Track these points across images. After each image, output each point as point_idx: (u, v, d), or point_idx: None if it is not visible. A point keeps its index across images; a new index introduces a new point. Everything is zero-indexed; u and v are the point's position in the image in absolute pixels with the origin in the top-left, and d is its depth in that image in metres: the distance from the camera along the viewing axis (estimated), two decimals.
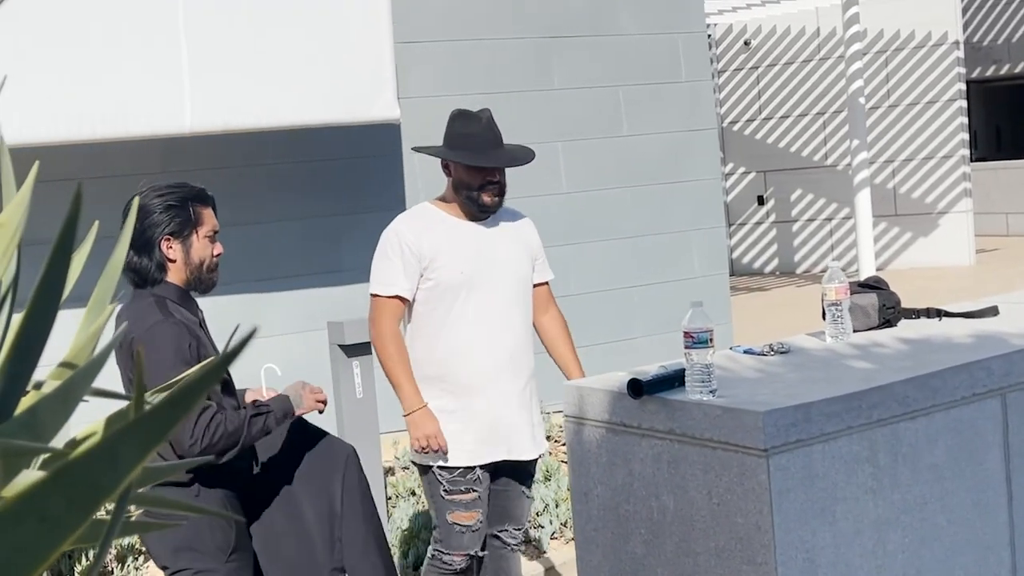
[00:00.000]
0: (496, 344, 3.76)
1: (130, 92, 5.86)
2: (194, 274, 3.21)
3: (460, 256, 3.73)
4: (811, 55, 13.34)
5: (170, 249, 3.17)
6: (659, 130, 7.82)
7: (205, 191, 3.28)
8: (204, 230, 3.22)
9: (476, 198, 3.74)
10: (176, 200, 3.18)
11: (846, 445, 2.71)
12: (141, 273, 3.17)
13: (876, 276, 3.72)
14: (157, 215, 3.16)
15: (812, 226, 13.50)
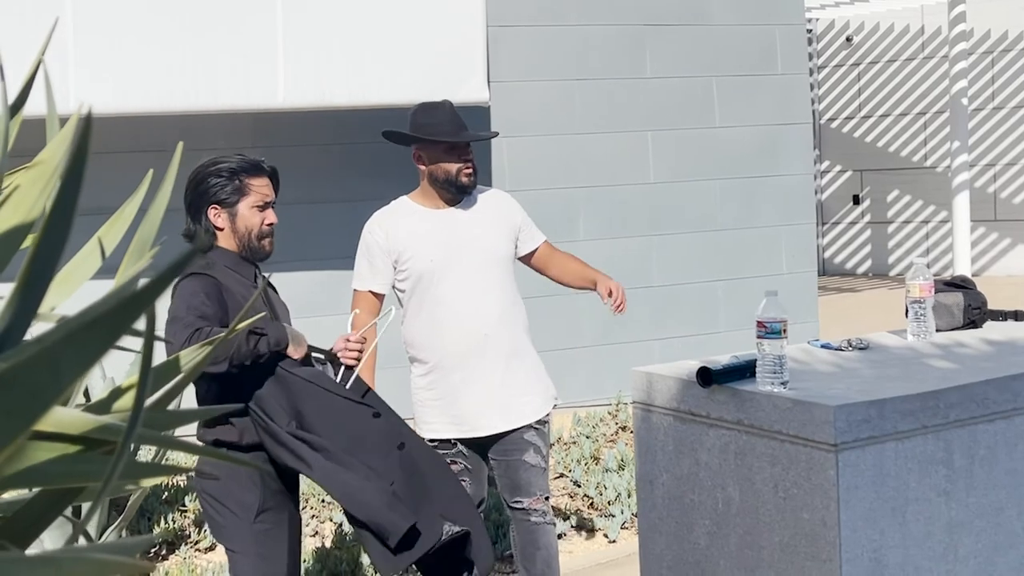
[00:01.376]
0: (468, 325, 3.90)
1: (225, 65, 5.93)
2: (242, 242, 3.31)
3: (430, 244, 3.90)
4: (914, 53, 13.06)
5: (217, 217, 3.28)
6: (752, 123, 7.71)
7: (261, 163, 3.36)
8: (251, 200, 3.29)
9: (455, 180, 3.90)
10: (225, 171, 3.28)
11: (920, 445, 2.64)
12: (193, 239, 3.31)
13: (963, 276, 3.62)
14: (205, 185, 3.28)
15: (908, 228, 13.23)
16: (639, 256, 7.37)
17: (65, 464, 0.84)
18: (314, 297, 6.68)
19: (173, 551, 5.00)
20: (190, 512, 5.26)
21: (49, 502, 0.89)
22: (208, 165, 3.31)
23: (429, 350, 3.94)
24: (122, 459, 0.68)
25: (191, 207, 3.31)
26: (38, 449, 0.82)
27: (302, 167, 6.67)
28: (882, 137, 13.34)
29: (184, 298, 3.16)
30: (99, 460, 0.83)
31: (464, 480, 3.92)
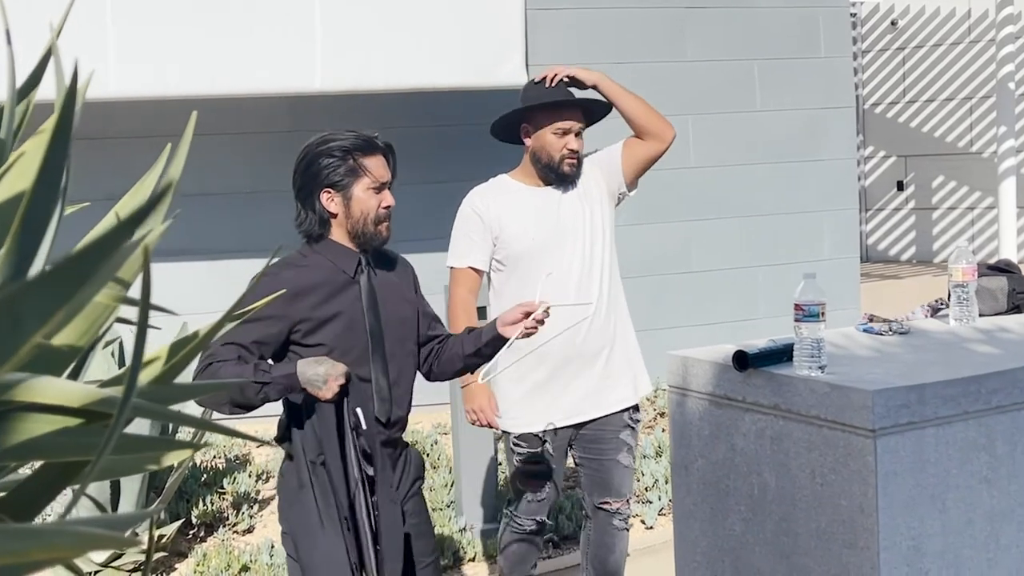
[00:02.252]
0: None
1: (262, 50, 5.93)
2: (357, 228, 2.99)
3: (531, 221, 3.75)
4: (960, 37, 12.87)
5: (330, 202, 2.98)
6: (794, 107, 7.62)
7: (375, 139, 3.06)
8: (367, 181, 2.99)
9: (556, 166, 3.76)
10: (337, 150, 2.98)
11: (961, 431, 2.59)
12: (307, 229, 3.02)
13: (1007, 260, 3.55)
14: (316, 167, 2.98)
15: (953, 214, 13.06)
16: (680, 242, 7.31)
17: (66, 437, 0.82)
18: None
19: (212, 533, 5.02)
20: (228, 494, 5.27)
21: (51, 476, 0.87)
22: (317, 144, 3.01)
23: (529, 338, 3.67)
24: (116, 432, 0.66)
25: (301, 192, 3.01)
26: (38, 422, 0.81)
27: None
28: (927, 122, 13.17)
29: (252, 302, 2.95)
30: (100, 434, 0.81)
31: (544, 488, 3.79)
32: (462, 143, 6.81)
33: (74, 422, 0.82)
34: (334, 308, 2.94)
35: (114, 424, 0.66)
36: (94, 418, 0.82)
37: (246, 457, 5.75)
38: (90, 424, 0.83)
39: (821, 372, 2.63)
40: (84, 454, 0.82)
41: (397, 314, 3.06)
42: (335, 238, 3.02)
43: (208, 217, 6.43)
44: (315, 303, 2.92)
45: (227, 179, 6.49)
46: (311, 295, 2.92)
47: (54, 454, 0.84)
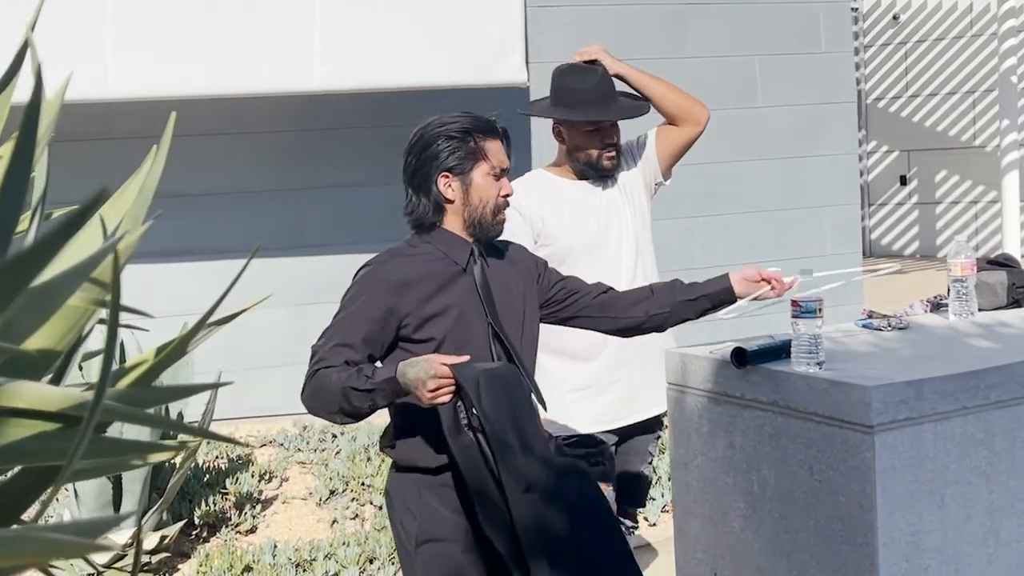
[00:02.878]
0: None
1: (262, 49, 5.93)
2: (473, 216, 2.81)
3: (576, 216, 3.60)
4: (962, 31, 12.84)
5: (448, 187, 2.79)
6: (795, 102, 7.61)
7: (494, 122, 2.87)
8: (488, 166, 2.80)
9: (595, 163, 3.61)
10: (457, 131, 2.80)
11: (960, 426, 2.58)
12: (418, 217, 2.83)
13: (1007, 254, 3.54)
14: (434, 148, 2.79)
15: (956, 209, 13.04)
16: (682, 238, 7.30)
17: (44, 442, 0.82)
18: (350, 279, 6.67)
19: (214, 533, 5.02)
20: (231, 495, 5.28)
21: (30, 480, 0.87)
22: (435, 126, 2.82)
23: (578, 337, 3.37)
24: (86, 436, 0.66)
25: (415, 176, 2.81)
26: (16, 426, 0.81)
27: (339, 150, 6.67)
28: (929, 117, 13.15)
29: (353, 302, 2.74)
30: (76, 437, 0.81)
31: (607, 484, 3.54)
32: None
33: (52, 426, 0.82)
34: (444, 301, 2.76)
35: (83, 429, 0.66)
36: (73, 422, 0.82)
37: (249, 457, 5.75)
38: (69, 428, 0.83)
39: (819, 368, 2.63)
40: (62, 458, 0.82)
41: (511, 305, 2.87)
42: (448, 227, 2.83)
43: (210, 217, 6.43)
44: (423, 296, 2.74)
45: (228, 178, 6.49)
46: (419, 287, 2.74)
47: (32, 458, 0.84)
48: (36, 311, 0.64)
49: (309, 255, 6.60)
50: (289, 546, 4.78)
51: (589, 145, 3.60)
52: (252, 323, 5.93)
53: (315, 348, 2.72)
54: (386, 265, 2.78)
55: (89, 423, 0.65)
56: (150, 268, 6.10)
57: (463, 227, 2.84)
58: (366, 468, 5.46)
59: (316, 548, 4.77)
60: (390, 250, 2.85)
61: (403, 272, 2.75)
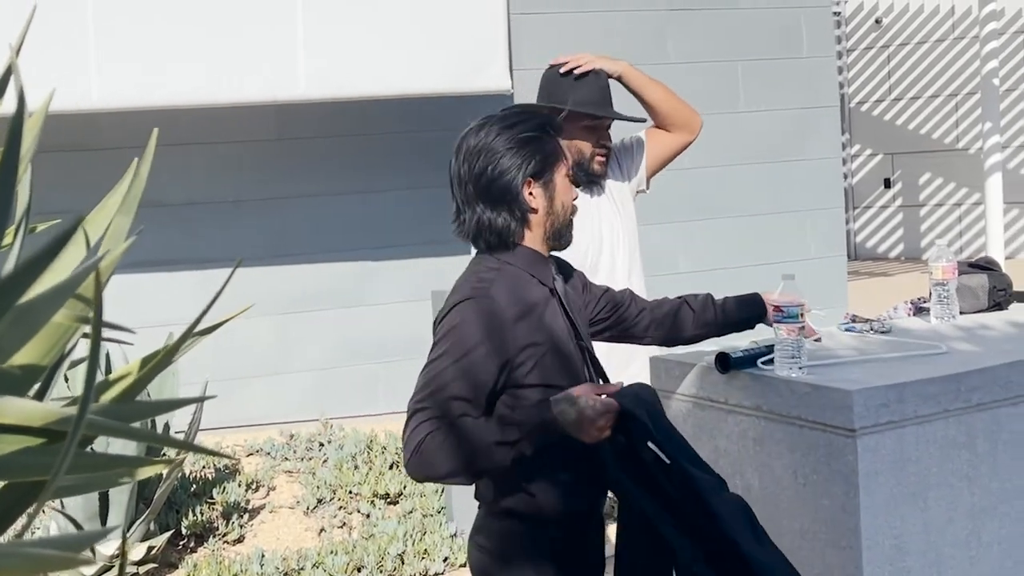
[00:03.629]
0: None
1: (246, 58, 5.93)
2: (555, 227, 2.50)
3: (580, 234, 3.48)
4: (944, 34, 12.91)
5: (532, 196, 2.46)
6: (778, 107, 7.64)
7: (553, 118, 2.59)
8: (566, 167, 2.53)
9: (587, 165, 3.50)
10: (533, 129, 2.47)
11: (942, 429, 2.60)
12: (502, 234, 2.45)
13: (988, 257, 3.56)
14: (512, 154, 2.44)
15: (940, 211, 13.10)
16: (666, 243, 7.33)
17: (28, 456, 0.83)
18: (338, 288, 6.68)
19: (202, 543, 5.01)
20: (218, 504, 5.28)
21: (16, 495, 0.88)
22: (502, 127, 2.47)
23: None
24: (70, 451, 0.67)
25: (491, 188, 2.43)
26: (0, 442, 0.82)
27: (324, 158, 6.67)
28: (913, 120, 13.21)
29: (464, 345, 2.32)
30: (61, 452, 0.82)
31: None
32: (447, 149, 6.81)
33: (37, 441, 0.83)
34: (545, 331, 2.42)
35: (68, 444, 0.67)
36: (57, 437, 0.83)
37: (235, 467, 5.75)
38: (53, 443, 0.84)
39: (801, 372, 2.64)
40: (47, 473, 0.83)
41: (584, 324, 2.63)
42: (528, 243, 2.49)
43: (195, 226, 6.43)
44: (531, 329, 2.39)
45: (210, 188, 6.50)
46: (527, 320, 2.39)
47: (17, 474, 0.85)
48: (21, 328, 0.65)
49: (292, 264, 6.61)
50: (277, 555, 4.78)
51: (582, 144, 3.48)
52: (236, 333, 5.94)
53: (420, 402, 2.31)
54: (494, 295, 2.38)
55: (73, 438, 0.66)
56: (132, 278, 6.09)
57: (543, 240, 2.51)
58: (353, 476, 5.47)
59: (304, 557, 4.77)
60: (477, 274, 2.45)
61: (513, 303, 2.38)
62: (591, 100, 3.49)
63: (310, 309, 6.66)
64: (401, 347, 6.65)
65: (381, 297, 6.71)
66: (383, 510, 5.23)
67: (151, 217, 1.88)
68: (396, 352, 6.69)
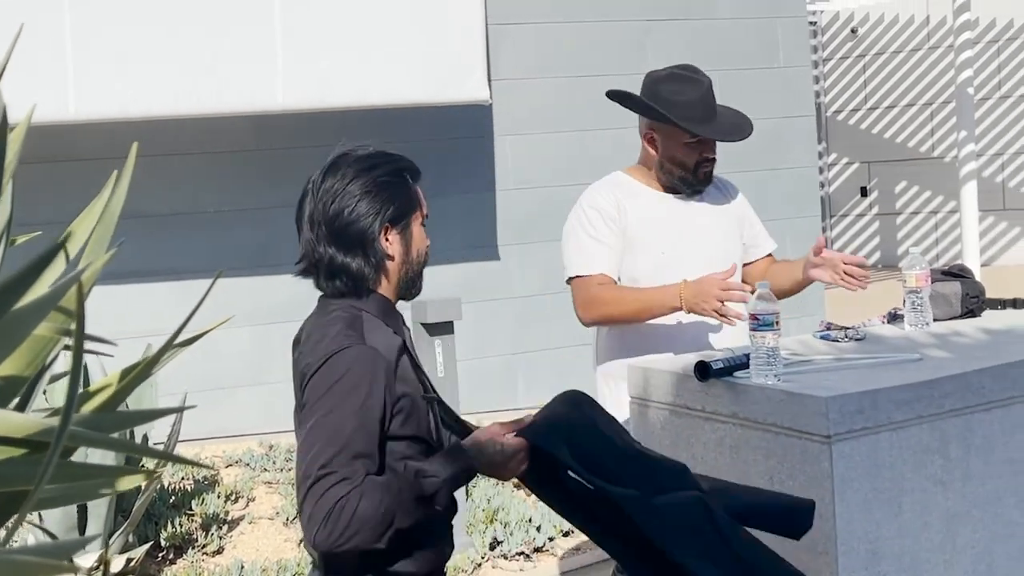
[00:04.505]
0: (707, 334, 3.29)
1: (223, 68, 5.94)
2: (410, 274, 2.41)
3: (663, 232, 3.30)
4: (920, 44, 13.01)
5: (388, 243, 2.37)
6: (754, 116, 7.66)
7: (413, 162, 2.50)
8: (421, 214, 2.44)
9: (691, 177, 3.34)
10: (391, 174, 2.40)
11: (916, 435, 2.63)
12: (357, 280, 2.35)
13: (961, 264, 3.61)
14: (370, 199, 2.35)
15: (916, 219, 13.19)
16: None
17: (10, 467, 0.84)
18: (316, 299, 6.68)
19: (181, 555, 5.01)
20: (197, 516, 5.27)
21: None
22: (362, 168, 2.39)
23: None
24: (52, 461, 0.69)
25: (346, 231, 2.33)
26: None
27: (304, 168, 6.67)
28: (889, 128, 13.31)
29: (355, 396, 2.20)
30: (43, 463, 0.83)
31: None
32: (427, 159, 6.81)
33: (18, 452, 0.84)
34: (411, 383, 2.34)
35: (50, 454, 0.68)
36: (39, 448, 0.85)
37: (215, 478, 5.74)
38: (35, 454, 0.85)
39: (777, 380, 2.67)
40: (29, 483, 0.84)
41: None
42: (380, 290, 2.39)
43: (173, 236, 6.43)
44: (401, 379, 2.30)
45: (191, 198, 6.50)
46: (397, 369, 2.30)
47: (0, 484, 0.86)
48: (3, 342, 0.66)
49: (272, 274, 6.61)
50: (256, 566, 4.78)
51: (688, 157, 3.32)
52: (216, 343, 5.93)
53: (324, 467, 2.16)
54: (373, 344, 2.28)
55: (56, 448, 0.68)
56: (112, 289, 6.08)
57: (395, 289, 2.42)
58: None
59: (284, 568, 4.77)
60: (343, 321, 2.33)
61: (387, 352, 2.29)
62: (693, 116, 3.30)
63: (290, 319, 6.65)
64: None
65: None
66: None
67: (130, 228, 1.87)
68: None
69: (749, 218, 3.60)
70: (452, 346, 5.14)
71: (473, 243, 6.94)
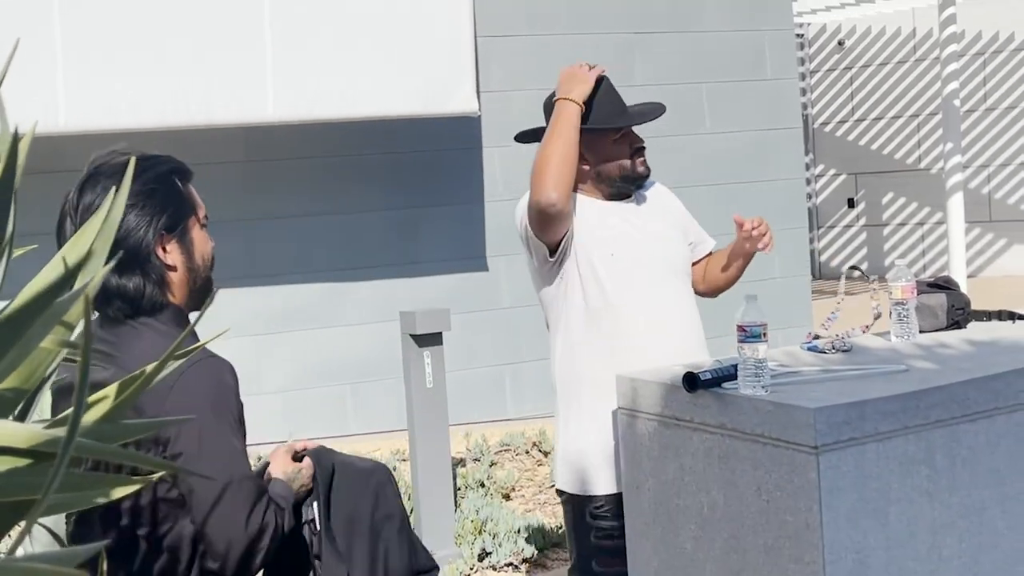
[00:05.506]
0: (664, 337, 3.28)
1: (214, 80, 5.96)
2: (198, 282, 2.30)
3: (611, 235, 3.26)
4: (906, 56, 13.09)
5: (167, 253, 2.23)
6: (742, 128, 7.74)
7: (182, 162, 2.36)
8: (197, 217, 2.32)
9: (631, 171, 3.30)
10: (158, 179, 2.25)
11: (902, 445, 2.66)
12: (134, 301, 2.17)
13: (947, 276, 3.63)
14: (138, 210, 2.18)
15: (903, 230, 13.26)
16: None
17: (14, 477, 0.86)
18: (308, 310, 6.70)
19: None
20: None
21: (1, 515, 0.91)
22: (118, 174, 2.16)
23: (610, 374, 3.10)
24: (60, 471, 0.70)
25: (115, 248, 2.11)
26: None
27: (293, 180, 6.70)
28: (876, 140, 13.38)
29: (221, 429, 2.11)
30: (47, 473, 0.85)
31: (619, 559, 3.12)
32: (416, 171, 6.86)
33: (23, 462, 0.86)
34: None
35: (58, 463, 0.70)
36: (42, 458, 0.86)
37: None
38: (38, 463, 0.86)
39: (764, 391, 2.69)
40: (32, 493, 0.86)
41: None
42: (175, 302, 2.26)
43: None
44: None
45: None
46: None
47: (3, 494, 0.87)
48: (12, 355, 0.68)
49: (262, 285, 6.62)
50: None
51: (620, 155, 3.30)
52: None
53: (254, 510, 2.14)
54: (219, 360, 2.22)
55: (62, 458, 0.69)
56: None
57: (185, 300, 2.29)
58: None
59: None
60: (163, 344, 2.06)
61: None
62: (612, 112, 3.30)
63: (280, 330, 6.68)
64: (371, 368, 6.67)
65: (351, 318, 6.73)
66: None
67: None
68: (366, 373, 6.71)
69: (688, 215, 3.57)
70: (441, 357, 5.16)
71: (462, 254, 6.96)
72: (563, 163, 3.13)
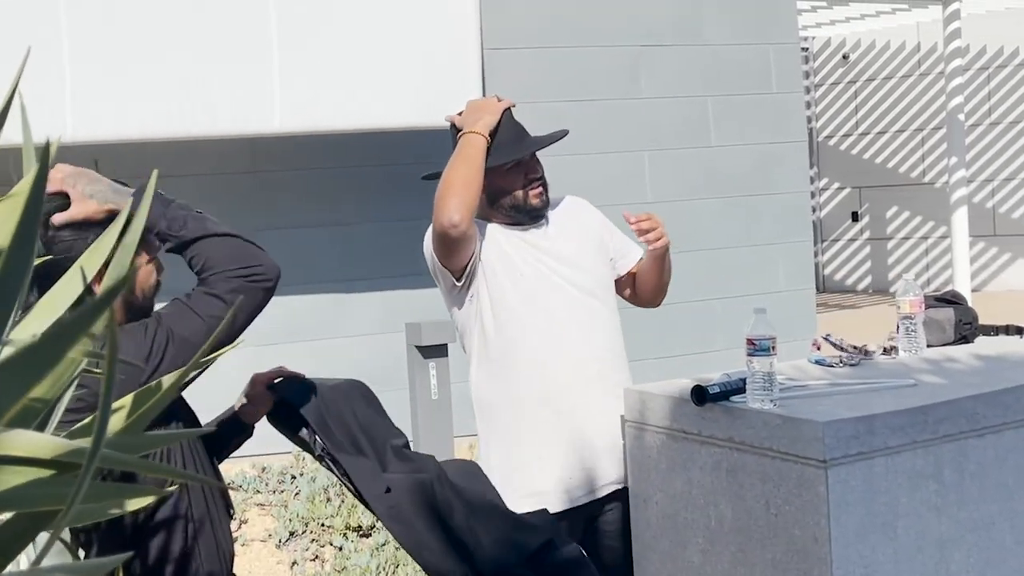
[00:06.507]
0: (577, 354, 3.14)
1: (222, 92, 5.97)
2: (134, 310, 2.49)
3: (517, 259, 3.15)
4: (911, 70, 13.10)
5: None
6: (747, 141, 7.74)
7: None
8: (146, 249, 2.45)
9: (523, 203, 3.18)
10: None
11: (910, 460, 2.66)
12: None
13: (954, 291, 3.64)
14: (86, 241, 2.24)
15: (907, 244, 13.25)
16: None
17: (37, 488, 0.86)
18: (310, 321, 6.70)
19: None
20: None
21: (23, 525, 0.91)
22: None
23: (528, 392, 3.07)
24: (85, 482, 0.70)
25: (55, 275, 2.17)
26: (9, 473, 0.84)
27: (298, 191, 6.71)
28: (880, 154, 13.38)
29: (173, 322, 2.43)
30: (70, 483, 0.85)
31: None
32: (420, 182, 6.85)
33: (46, 473, 0.86)
34: None
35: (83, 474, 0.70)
36: (64, 468, 0.86)
37: None
38: (60, 474, 0.87)
39: (773, 405, 2.69)
40: (55, 503, 0.86)
41: None
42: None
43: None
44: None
45: None
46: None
47: (27, 504, 0.88)
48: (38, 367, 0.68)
49: None
50: None
51: (512, 186, 3.16)
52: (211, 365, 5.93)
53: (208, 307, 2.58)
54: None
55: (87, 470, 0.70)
56: None
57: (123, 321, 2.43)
58: (326, 509, 5.47)
59: None
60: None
61: None
62: (508, 141, 3.12)
63: (283, 341, 6.67)
64: (375, 379, 6.63)
65: (354, 329, 6.73)
66: (356, 543, 5.24)
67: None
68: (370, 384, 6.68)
69: (609, 229, 3.37)
70: (446, 368, 5.17)
71: None
72: (465, 187, 2.98)
